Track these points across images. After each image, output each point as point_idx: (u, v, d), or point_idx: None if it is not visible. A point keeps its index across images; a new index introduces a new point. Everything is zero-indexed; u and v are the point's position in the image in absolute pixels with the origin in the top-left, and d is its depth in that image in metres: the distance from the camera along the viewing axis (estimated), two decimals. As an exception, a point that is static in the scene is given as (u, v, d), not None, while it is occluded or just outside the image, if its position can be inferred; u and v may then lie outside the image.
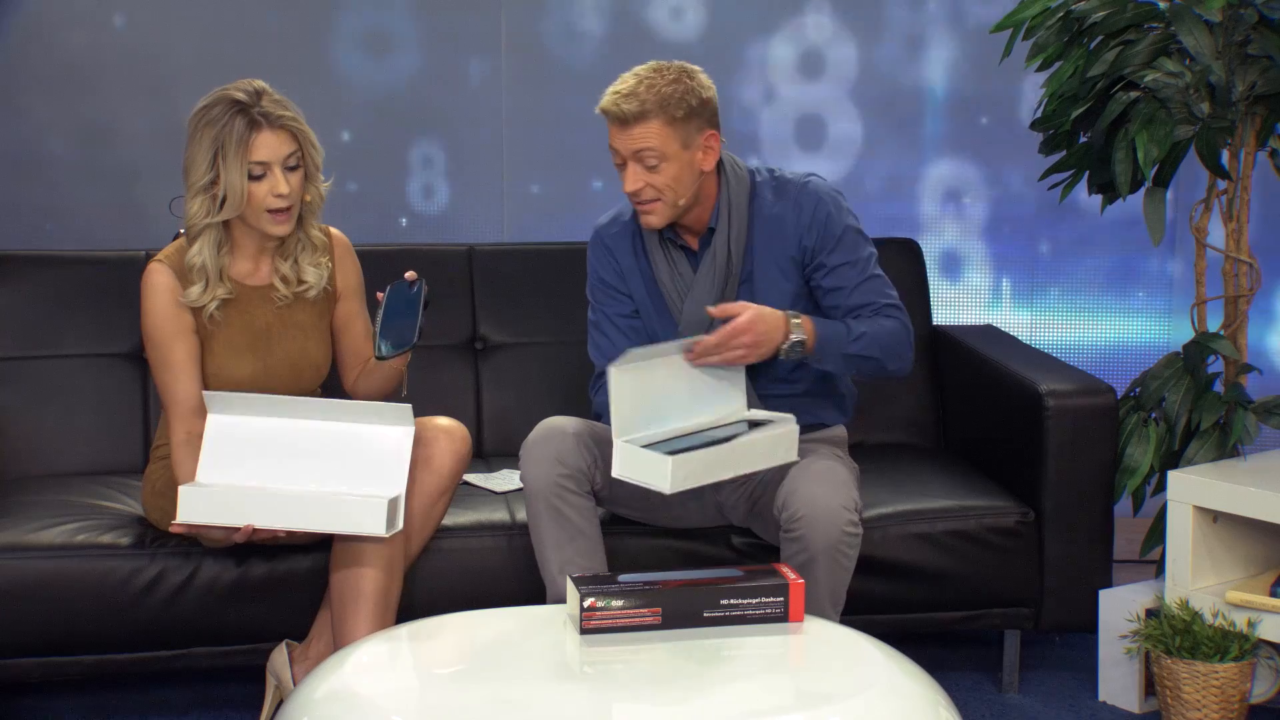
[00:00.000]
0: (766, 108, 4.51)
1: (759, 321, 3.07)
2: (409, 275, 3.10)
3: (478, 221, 4.47)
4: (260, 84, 3.15)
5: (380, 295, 3.12)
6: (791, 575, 2.78)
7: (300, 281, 3.26)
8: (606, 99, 3.13)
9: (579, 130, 4.42)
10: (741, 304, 3.10)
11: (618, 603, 2.71)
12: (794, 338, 3.10)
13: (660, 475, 2.95)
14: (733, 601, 2.75)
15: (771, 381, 3.28)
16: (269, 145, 3.11)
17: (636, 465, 2.99)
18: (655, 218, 3.18)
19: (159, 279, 3.17)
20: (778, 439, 3.13)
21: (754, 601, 2.75)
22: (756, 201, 3.25)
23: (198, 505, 2.93)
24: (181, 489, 2.93)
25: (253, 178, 3.11)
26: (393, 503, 2.95)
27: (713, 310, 3.08)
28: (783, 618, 2.76)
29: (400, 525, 2.97)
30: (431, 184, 4.47)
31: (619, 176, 3.18)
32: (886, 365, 3.21)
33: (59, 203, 4.33)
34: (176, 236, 3.27)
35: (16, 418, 3.67)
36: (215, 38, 4.32)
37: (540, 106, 4.45)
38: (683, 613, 2.73)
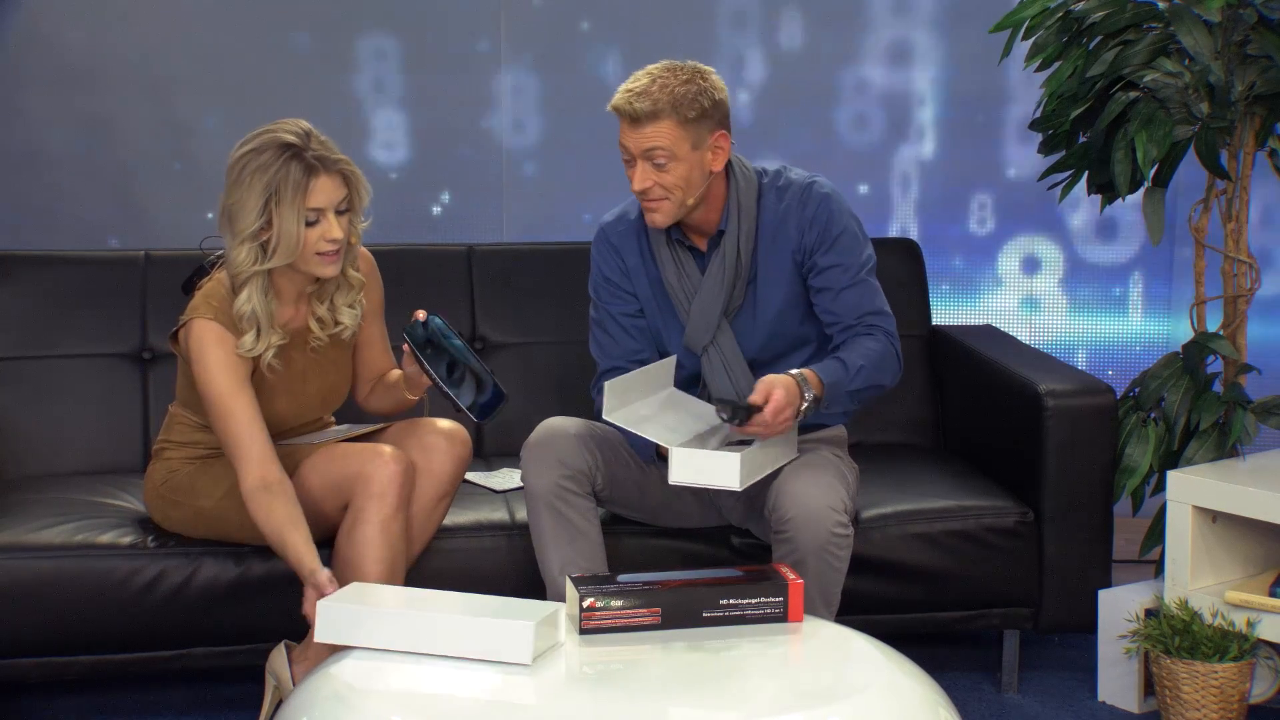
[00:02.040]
0: (766, 103, 4.52)
1: (789, 394, 3.03)
2: (419, 315, 3.04)
3: (478, 221, 4.47)
4: (305, 124, 3.08)
5: (406, 347, 3.04)
6: (791, 575, 2.78)
7: (336, 323, 3.22)
8: (619, 97, 3.11)
9: (581, 130, 4.43)
10: (768, 386, 3.02)
11: (617, 603, 2.71)
12: (807, 397, 3.06)
13: (730, 473, 2.96)
14: (732, 601, 2.75)
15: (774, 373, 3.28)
16: (325, 191, 3.04)
17: (698, 468, 2.98)
18: (661, 216, 3.17)
19: (213, 334, 3.08)
20: (795, 430, 3.17)
21: (753, 601, 2.75)
22: (763, 203, 3.25)
23: (336, 624, 2.68)
24: (320, 604, 2.69)
25: (307, 224, 3.05)
26: (539, 626, 2.61)
27: (755, 398, 3.02)
28: (782, 617, 2.76)
29: (544, 648, 2.64)
30: (431, 183, 4.47)
31: (626, 174, 3.17)
32: (885, 385, 3.21)
33: (59, 203, 4.33)
34: (199, 271, 3.19)
35: (16, 418, 3.67)
36: (216, 37, 4.32)
37: (541, 103, 4.46)
38: (682, 613, 2.73)
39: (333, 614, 2.67)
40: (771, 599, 2.75)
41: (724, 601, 2.74)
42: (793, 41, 4.51)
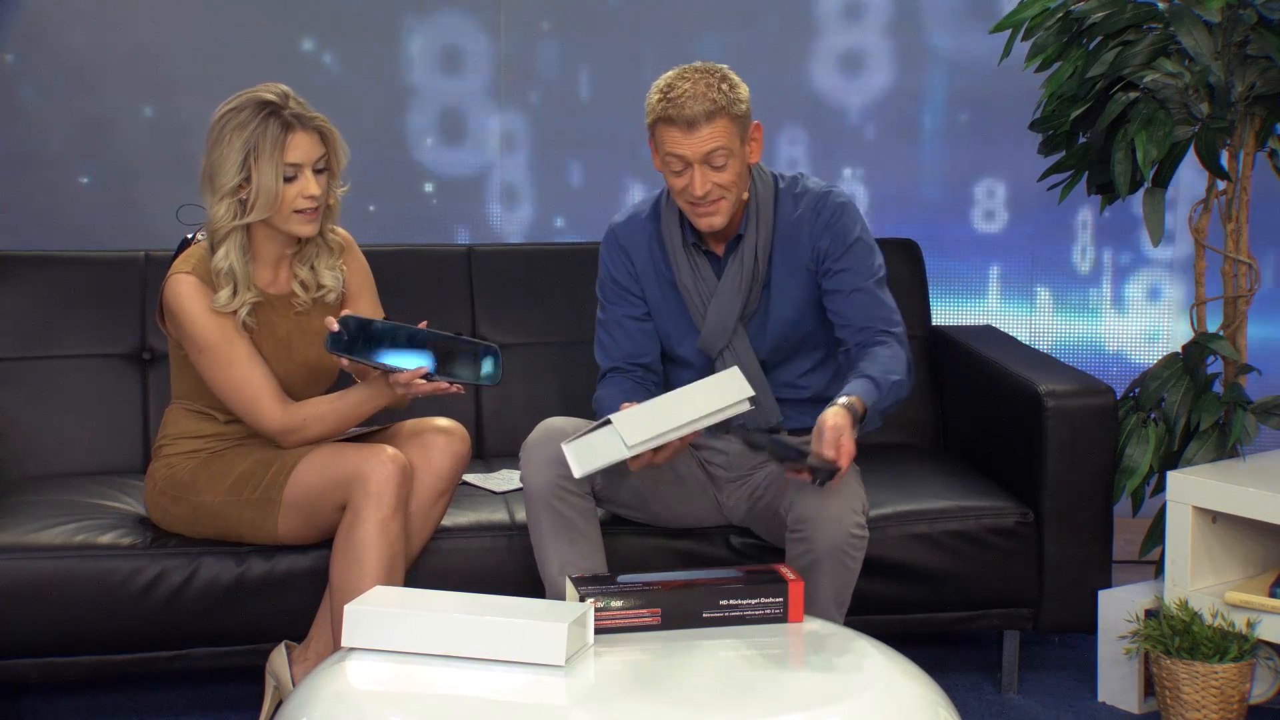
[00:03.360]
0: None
1: (849, 433, 2.96)
2: (331, 325, 3.02)
3: (477, 222, 4.47)
4: (284, 86, 3.15)
5: (352, 363, 3.05)
6: (791, 575, 2.78)
7: (319, 286, 3.25)
8: (665, 107, 3.07)
9: (581, 131, 4.43)
10: (835, 434, 2.93)
11: (617, 603, 2.71)
12: (865, 425, 3.02)
13: (615, 443, 2.90)
14: (732, 602, 2.75)
15: (778, 386, 3.28)
16: (302, 147, 3.11)
17: (591, 453, 2.93)
18: (720, 217, 3.15)
19: (191, 288, 3.14)
20: (718, 379, 3.05)
21: (754, 602, 2.75)
22: (779, 209, 3.24)
23: (364, 628, 2.64)
24: (347, 609, 2.65)
25: (285, 179, 3.10)
26: (573, 626, 2.60)
27: (827, 453, 2.92)
28: (782, 618, 2.76)
29: (575, 649, 2.63)
30: (431, 184, 4.47)
31: (669, 182, 3.13)
32: (905, 396, 3.17)
33: (58, 203, 4.33)
34: (183, 243, 3.24)
35: (16, 418, 3.67)
36: (216, 38, 4.32)
37: (541, 104, 4.46)
38: (682, 613, 2.73)
39: (360, 618, 2.65)
40: (771, 599, 2.75)
41: (724, 602, 2.74)
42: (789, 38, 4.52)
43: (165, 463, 3.26)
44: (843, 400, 3.01)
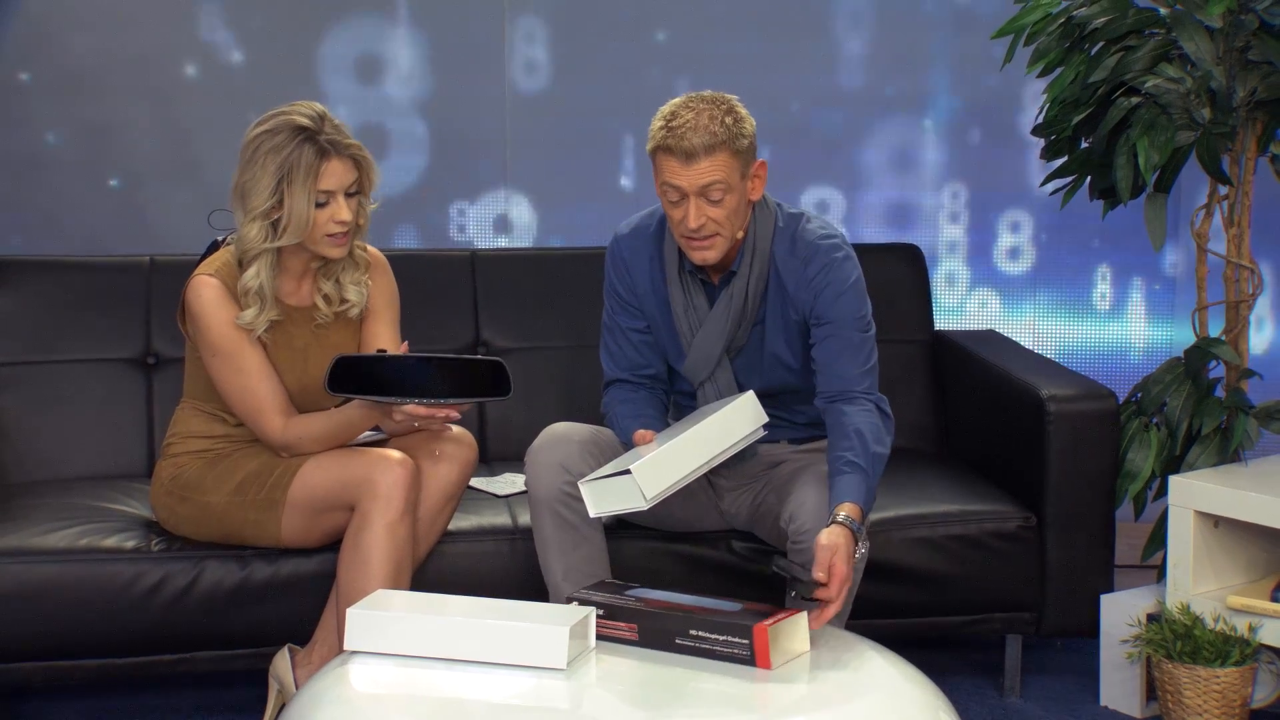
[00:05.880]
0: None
1: (848, 554, 2.87)
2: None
3: (479, 225, 4.48)
4: (320, 107, 3.13)
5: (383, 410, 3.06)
6: (771, 621, 2.66)
7: (343, 301, 3.25)
8: (666, 136, 3.01)
9: (583, 134, 4.44)
10: (828, 555, 2.83)
11: (600, 612, 2.71)
12: (860, 539, 2.92)
13: (633, 492, 2.88)
14: (701, 634, 2.67)
15: (775, 413, 3.25)
16: (336, 174, 3.10)
17: (608, 497, 2.92)
18: (714, 253, 3.09)
19: (214, 293, 3.14)
20: (734, 410, 3.05)
21: (720, 638, 2.66)
22: (774, 248, 3.19)
23: (366, 631, 2.67)
24: (350, 612, 2.69)
25: (317, 205, 3.10)
26: (574, 630, 2.63)
27: (818, 574, 2.83)
28: (749, 661, 2.64)
29: (580, 650, 2.66)
30: (433, 185, 4.48)
31: (667, 212, 3.08)
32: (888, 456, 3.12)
33: (63, 208, 4.34)
34: (212, 245, 3.25)
35: (20, 422, 3.67)
36: (215, 40, 4.33)
37: (544, 108, 4.47)
38: (656, 636, 2.69)
39: (363, 621, 2.67)
40: (738, 640, 2.65)
41: (694, 633, 2.69)
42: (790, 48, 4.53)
43: (173, 462, 3.26)
44: (841, 516, 2.91)
